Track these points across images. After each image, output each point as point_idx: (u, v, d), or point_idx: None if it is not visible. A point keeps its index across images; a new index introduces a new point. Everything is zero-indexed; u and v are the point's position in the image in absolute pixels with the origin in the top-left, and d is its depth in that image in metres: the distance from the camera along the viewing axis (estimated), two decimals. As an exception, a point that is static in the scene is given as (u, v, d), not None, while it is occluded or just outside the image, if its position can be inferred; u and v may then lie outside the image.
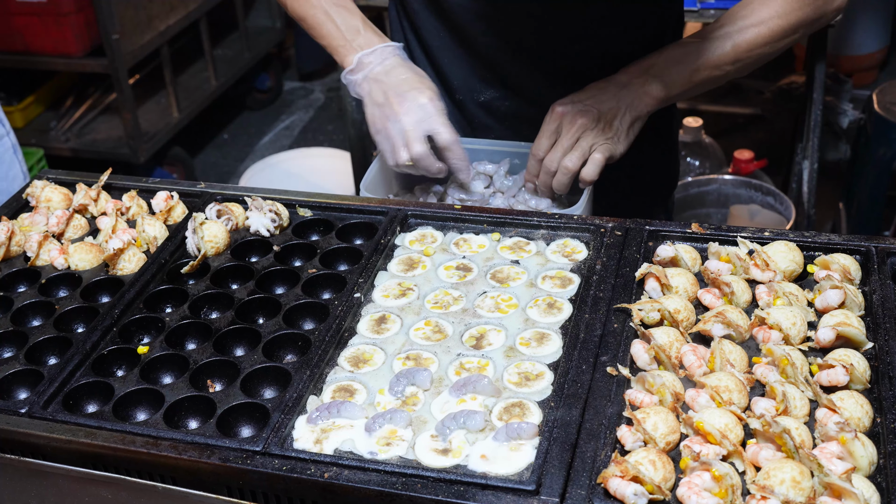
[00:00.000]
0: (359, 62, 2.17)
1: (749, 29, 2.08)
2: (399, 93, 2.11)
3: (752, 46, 2.08)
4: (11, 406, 1.62)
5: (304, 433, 1.53)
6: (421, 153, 2.08)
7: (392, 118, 2.10)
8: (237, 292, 1.88)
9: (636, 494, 1.34)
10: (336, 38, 2.22)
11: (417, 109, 2.09)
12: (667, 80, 2.11)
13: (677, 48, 2.13)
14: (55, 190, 2.18)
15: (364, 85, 2.17)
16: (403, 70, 2.16)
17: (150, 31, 5.34)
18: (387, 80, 2.14)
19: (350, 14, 2.24)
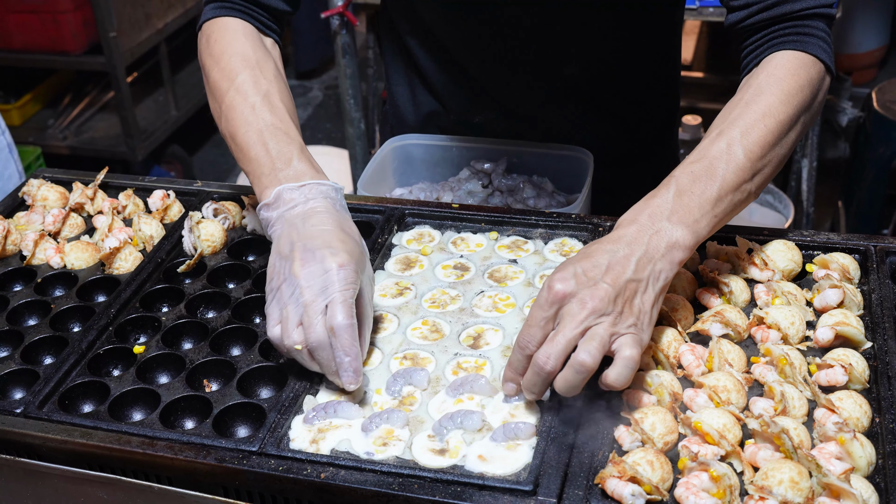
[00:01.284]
0: (277, 196, 1.72)
1: (754, 126, 1.66)
2: (308, 248, 1.62)
3: (764, 146, 1.65)
4: (7, 406, 1.61)
5: (301, 433, 1.53)
6: (320, 339, 1.55)
7: (289, 280, 1.61)
8: (234, 291, 1.87)
9: (634, 495, 1.34)
10: (262, 164, 1.78)
11: (321, 275, 1.59)
12: (689, 220, 1.58)
13: (683, 176, 1.62)
14: (51, 188, 2.18)
15: (276, 226, 1.71)
16: (326, 218, 1.69)
17: (148, 28, 5.34)
18: (300, 228, 1.67)
19: (287, 140, 1.81)
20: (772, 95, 1.69)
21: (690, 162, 1.65)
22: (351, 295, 1.58)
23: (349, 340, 1.54)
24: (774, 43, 1.78)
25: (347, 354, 1.55)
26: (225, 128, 1.88)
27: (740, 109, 1.68)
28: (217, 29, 1.98)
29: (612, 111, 2.25)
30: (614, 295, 1.48)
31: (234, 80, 1.88)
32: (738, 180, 1.63)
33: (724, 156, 1.63)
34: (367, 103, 4.71)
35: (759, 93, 1.70)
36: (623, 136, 2.29)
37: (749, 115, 1.67)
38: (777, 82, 1.71)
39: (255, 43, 1.97)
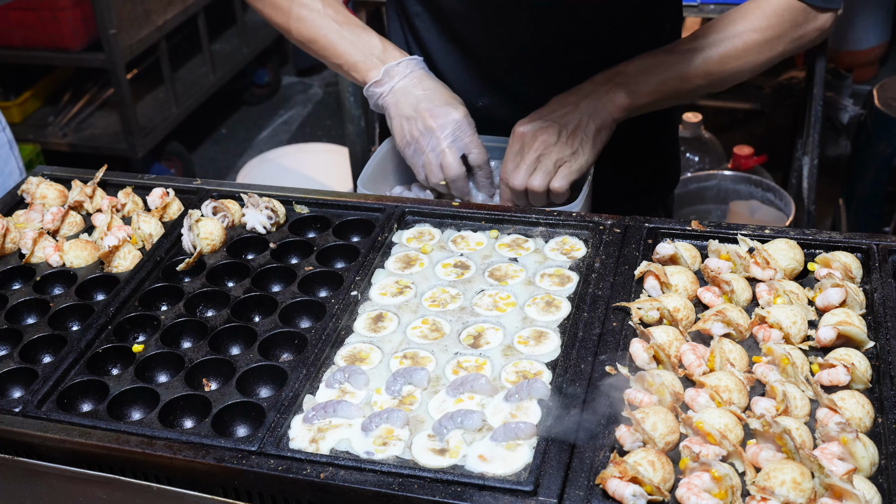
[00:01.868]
0: (385, 73, 2.13)
1: (722, 42, 2.04)
2: (431, 106, 2.08)
3: (723, 60, 2.05)
4: (5, 405, 1.60)
5: (300, 433, 1.52)
6: (458, 175, 2.07)
7: (426, 133, 2.08)
8: (233, 290, 1.86)
9: (635, 495, 1.33)
10: (354, 54, 2.17)
11: (451, 125, 2.07)
12: (632, 89, 2.07)
13: (648, 58, 2.09)
14: (50, 186, 2.17)
15: (390, 97, 2.14)
16: (432, 82, 2.14)
17: (148, 25, 5.33)
18: (416, 93, 2.11)
19: (363, 30, 2.20)
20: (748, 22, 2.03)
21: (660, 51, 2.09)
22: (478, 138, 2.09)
23: (489, 170, 2.13)
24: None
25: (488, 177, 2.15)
26: (299, 37, 2.24)
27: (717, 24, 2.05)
28: None
29: None
30: (559, 129, 2.04)
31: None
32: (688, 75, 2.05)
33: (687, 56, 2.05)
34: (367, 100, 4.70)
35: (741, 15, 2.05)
36: (624, 128, 2.28)
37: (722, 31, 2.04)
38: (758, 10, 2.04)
39: None
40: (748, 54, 2.05)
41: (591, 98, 2.07)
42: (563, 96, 2.09)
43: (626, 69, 2.08)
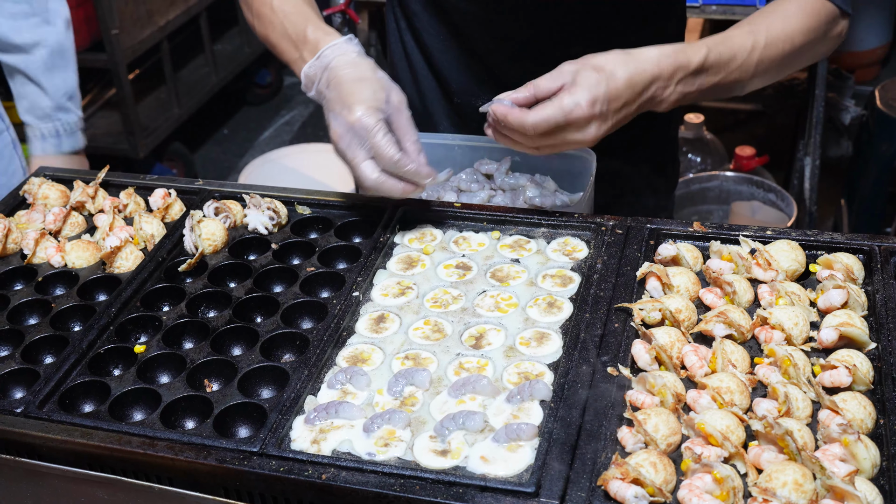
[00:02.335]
0: (305, 79, 1.98)
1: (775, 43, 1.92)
2: (334, 115, 1.89)
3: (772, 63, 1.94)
4: (7, 405, 1.60)
5: (302, 434, 1.52)
6: (374, 182, 1.85)
7: (337, 147, 1.90)
8: (235, 291, 1.86)
9: (637, 497, 1.33)
10: (291, 52, 2.03)
11: (348, 133, 1.85)
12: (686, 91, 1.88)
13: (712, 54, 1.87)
14: (52, 187, 2.17)
15: (320, 101, 1.99)
16: (340, 78, 1.90)
17: (150, 26, 5.33)
18: (328, 96, 1.93)
19: (301, 17, 2.03)
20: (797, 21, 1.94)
21: (722, 41, 1.90)
22: (382, 133, 1.83)
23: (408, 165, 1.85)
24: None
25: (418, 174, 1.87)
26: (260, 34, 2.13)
27: (775, 19, 1.94)
28: None
29: None
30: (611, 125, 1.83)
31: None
32: (735, 81, 1.92)
33: (744, 55, 1.90)
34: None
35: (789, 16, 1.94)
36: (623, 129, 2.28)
37: (777, 30, 1.92)
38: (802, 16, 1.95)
39: None
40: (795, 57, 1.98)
41: (653, 93, 1.84)
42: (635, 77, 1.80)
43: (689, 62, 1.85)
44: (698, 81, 1.88)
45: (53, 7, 2.89)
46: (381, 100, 1.86)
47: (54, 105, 2.93)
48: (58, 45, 2.89)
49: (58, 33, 2.89)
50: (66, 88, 2.94)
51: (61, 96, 2.94)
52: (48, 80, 2.90)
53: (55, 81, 2.91)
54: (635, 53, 1.84)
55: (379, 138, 1.82)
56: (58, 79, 2.92)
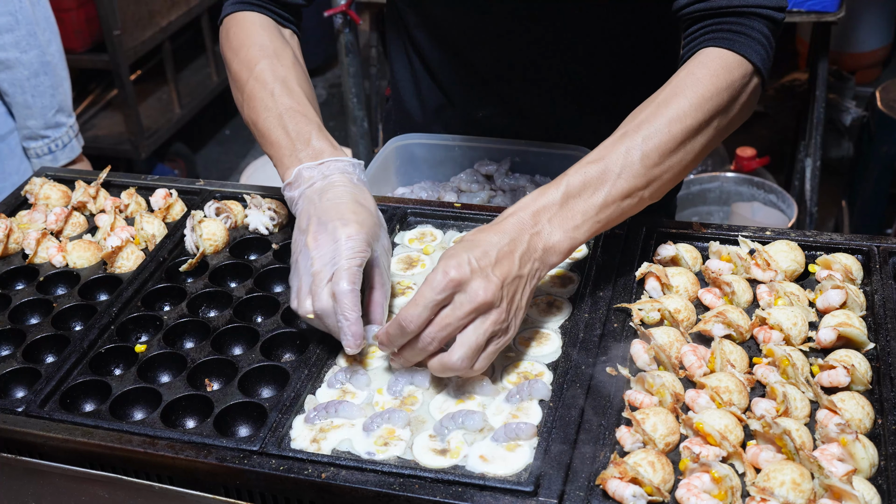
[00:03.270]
0: (297, 175, 1.78)
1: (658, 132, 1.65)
2: (321, 221, 1.67)
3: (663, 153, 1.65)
4: (8, 405, 1.61)
5: (302, 433, 1.53)
6: (325, 307, 1.60)
7: (304, 252, 1.67)
8: (235, 291, 1.87)
9: (635, 496, 1.34)
10: (283, 146, 1.83)
11: (330, 245, 1.64)
12: (569, 226, 1.62)
13: (575, 178, 1.63)
14: (54, 187, 2.18)
15: (299, 203, 1.76)
16: (341, 192, 1.73)
17: (152, 26, 5.34)
18: (318, 203, 1.71)
19: (306, 121, 1.85)
20: (685, 99, 1.67)
21: (587, 162, 1.66)
22: (357, 263, 1.62)
23: (349, 306, 1.58)
24: (707, 38, 1.75)
25: (347, 319, 1.58)
26: (247, 115, 1.95)
27: (650, 111, 1.68)
28: (236, 23, 2.05)
29: (614, 109, 2.24)
30: (501, 289, 1.54)
31: (253, 70, 1.94)
32: (630, 187, 1.64)
33: (620, 160, 1.64)
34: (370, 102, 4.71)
35: (674, 94, 1.68)
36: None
37: (657, 120, 1.66)
38: (694, 84, 1.69)
39: (273, 34, 2.03)
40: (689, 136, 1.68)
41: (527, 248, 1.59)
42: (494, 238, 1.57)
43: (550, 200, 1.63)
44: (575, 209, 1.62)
45: (40, 17, 2.86)
46: (375, 236, 1.70)
47: (43, 124, 2.90)
48: (41, 63, 2.86)
49: (41, 49, 2.85)
50: (55, 104, 2.91)
51: (50, 113, 2.91)
52: (35, 99, 2.86)
53: (43, 100, 2.87)
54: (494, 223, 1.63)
55: (354, 262, 1.62)
56: (45, 97, 2.88)
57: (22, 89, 2.85)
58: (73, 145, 3.00)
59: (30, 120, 2.89)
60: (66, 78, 2.98)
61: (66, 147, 2.97)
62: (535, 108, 2.24)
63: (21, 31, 2.80)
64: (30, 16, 2.81)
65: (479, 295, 1.51)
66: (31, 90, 2.85)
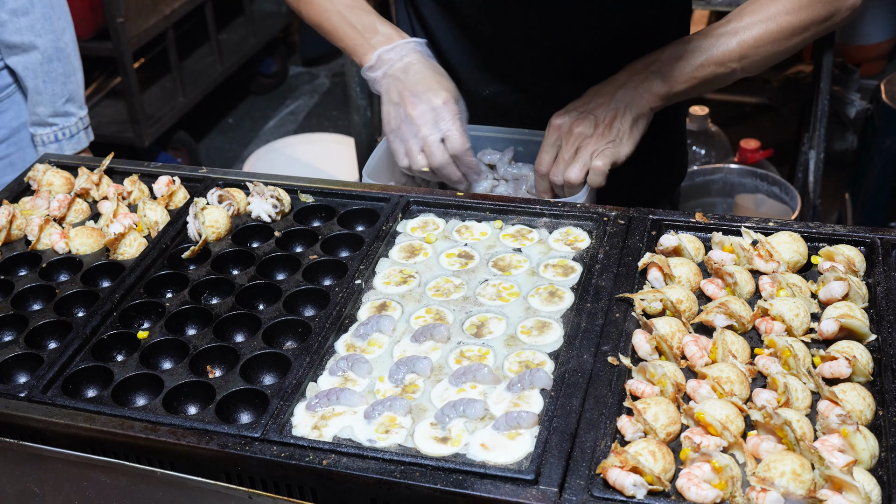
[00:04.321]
0: (378, 58, 2.15)
1: (756, 25, 2.01)
2: (414, 93, 2.08)
3: (758, 43, 2.01)
4: (11, 390, 1.61)
5: (303, 420, 1.53)
6: (441, 162, 2.07)
7: (406, 120, 2.08)
8: (238, 278, 1.87)
9: (635, 485, 1.34)
10: (353, 37, 2.20)
11: (430, 112, 2.06)
12: (668, 76, 2.04)
13: (681, 44, 2.06)
14: (57, 174, 2.18)
15: (383, 82, 2.15)
16: (421, 67, 2.13)
17: (156, 14, 5.33)
18: (403, 78, 2.11)
19: (366, 13, 2.22)
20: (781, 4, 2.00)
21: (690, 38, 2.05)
22: (461, 123, 2.07)
23: (470, 159, 2.10)
24: None
25: (469, 167, 2.11)
26: (307, 20, 2.31)
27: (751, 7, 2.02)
28: None
29: None
30: (595, 121, 2.04)
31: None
32: (724, 58, 2.02)
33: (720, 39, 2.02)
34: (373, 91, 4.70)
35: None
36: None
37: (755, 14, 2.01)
38: None
39: None
40: (782, 36, 2.02)
41: (626, 88, 2.06)
42: (598, 87, 2.09)
43: (661, 56, 2.06)
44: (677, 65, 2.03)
45: (55, 3, 2.87)
46: (458, 97, 2.11)
47: (51, 111, 2.90)
48: (55, 49, 2.86)
49: (56, 35, 2.86)
50: (66, 92, 2.91)
51: (60, 101, 2.91)
52: (46, 85, 2.87)
53: (54, 87, 2.88)
54: None
55: (458, 124, 2.06)
56: (57, 84, 2.88)
57: (34, 74, 2.85)
58: (80, 137, 3.00)
59: (39, 106, 2.89)
60: (78, 68, 2.98)
61: (73, 138, 2.97)
62: (541, 87, 2.24)
63: (36, 14, 2.80)
64: (45, 0, 2.82)
65: (574, 130, 2.03)
66: (44, 76, 2.86)
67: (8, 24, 2.78)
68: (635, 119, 2.05)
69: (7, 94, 2.90)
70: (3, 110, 2.90)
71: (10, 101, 2.91)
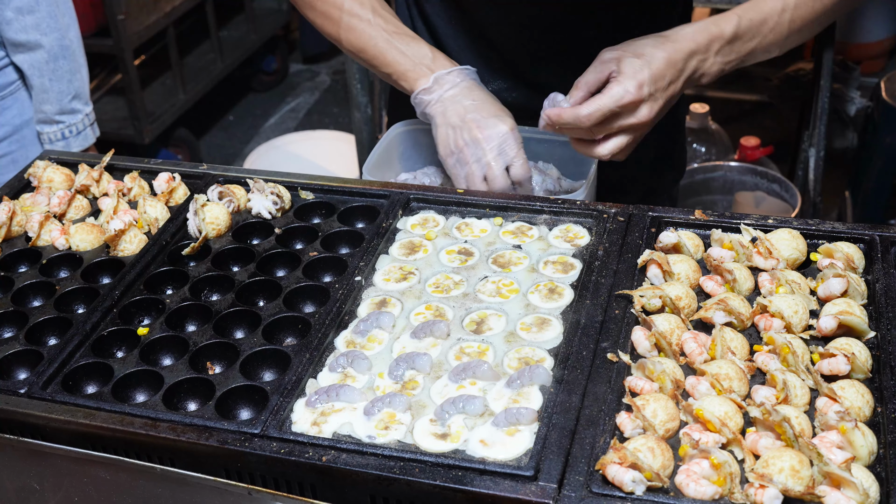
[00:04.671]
0: (435, 81, 2.10)
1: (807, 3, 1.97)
2: (479, 117, 2.05)
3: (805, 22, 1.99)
4: (11, 386, 1.62)
5: (303, 416, 1.53)
6: (504, 187, 2.03)
7: (472, 144, 2.04)
8: (238, 275, 1.87)
9: (634, 481, 1.34)
10: (403, 63, 2.14)
11: (497, 137, 2.03)
12: (725, 61, 1.98)
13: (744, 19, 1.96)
14: (57, 170, 2.18)
15: (437, 106, 2.10)
16: (482, 94, 2.11)
17: (156, 11, 5.33)
18: (464, 102, 2.07)
19: (415, 40, 2.17)
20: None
21: (748, 8, 1.97)
22: (523, 153, 2.05)
23: (530, 186, 2.08)
24: None
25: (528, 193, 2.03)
26: (349, 47, 2.22)
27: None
28: None
29: None
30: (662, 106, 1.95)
31: (343, 7, 2.19)
32: (773, 43, 1.99)
33: (776, 18, 1.97)
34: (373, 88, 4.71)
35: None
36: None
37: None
38: None
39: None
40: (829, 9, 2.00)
41: (694, 68, 1.96)
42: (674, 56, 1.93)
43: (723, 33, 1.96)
44: (735, 49, 1.97)
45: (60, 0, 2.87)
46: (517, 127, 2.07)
47: (58, 109, 2.91)
48: (61, 47, 2.87)
49: (61, 33, 2.86)
50: (72, 90, 2.92)
51: (66, 99, 2.92)
52: (52, 84, 2.88)
53: (60, 85, 2.89)
54: (670, 34, 1.96)
55: (524, 154, 2.05)
56: (63, 82, 2.89)
57: (40, 72, 2.86)
58: (87, 133, 3.01)
59: (45, 104, 2.90)
60: (83, 65, 2.98)
61: (79, 135, 2.98)
62: (548, 81, 2.24)
63: (41, 12, 2.81)
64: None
65: (644, 118, 1.92)
66: (50, 74, 2.86)
67: (13, 22, 2.78)
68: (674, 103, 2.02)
69: (10, 91, 2.90)
70: (6, 107, 2.90)
71: (13, 98, 2.91)
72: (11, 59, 2.86)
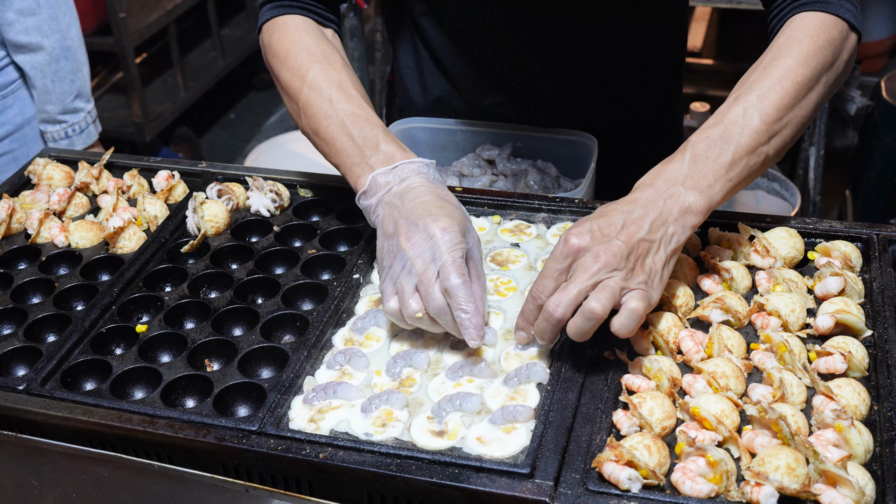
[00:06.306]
0: (372, 182, 1.74)
1: (771, 90, 1.68)
2: (410, 221, 1.64)
3: (781, 108, 1.67)
4: (9, 383, 1.62)
5: (300, 413, 1.54)
6: (440, 306, 1.58)
7: (399, 255, 1.64)
8: (236, 272, 1.88)
9: (630, 479, 1.34)
10: (351, 154, 1.80)
11: (426, 241, 1.61)
12: (703, 185, 1.61)
13: (699, 142, 1.65)
14: (57, 168, 2.18)
15: (378, 210, 1.73)
16: (422, 191, 1.70)
17: (158, 9, 5.34)
18: (400, 205, 1.68)
19: (370, 125, 1.81)
20: (790, 58, 1.71)
21: (706, 127, 1.67)
22: (459, 255, 1.59)
23: (465, 298, 1.56)
24: (796, 5, 1.81)
25: (465, 312, 1.56)
26: (306, 125, 1.90)
27: (758, 73, 1.71)
28: (278, 29, 2.00)
29: (618, 95, 2.25)
30: (627, 252, 1.53)
31: (306, 77, 1.89)
32: (753, 143, 1.65)
33: (739, 120, 1.65)
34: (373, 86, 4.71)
35: (778, 56, 1.72)
36: (626, 120, 2.29)
37: (766, 79, 1.69)
38: (796, 44, 1.73)
39: (318, 36, 1.99)
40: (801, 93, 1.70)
41: (660, 211, 1.59)
42: (624, 206, 1.60)
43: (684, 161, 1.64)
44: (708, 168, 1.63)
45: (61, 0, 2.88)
46: (466, 229, 1.66)
47: (61, 109, 2.92)
48: (63, 48, 2.87)
49: (62, 33, 2.86)
50: (74, 89, 2.93)
51: (69, 99, 2.92)
52: (55, 84, 2.88)
53: (62, 86, 2.90)
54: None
55: (458, 253, 1.59)
56: (65, 82, 2.90)
57: (42, 73, 2.86)
58: (90, 131, 3.02)
59: (48, 104, 2.91)
60: (85, 63, 2.99)
61: (83, 133, 2.99)
62: (540, 96, 2.24)
63: (43, 14, 2.81)
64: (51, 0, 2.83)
65: (600, 258, 1.52)
66: (52, 75, 2.87)
67: (15, 23, 2.79)
68: (670, 256, 1.59)
69: (12, 90, 2.91)
70: (7, 106, 2.90)
71: (14, 97, 2.92)
72: (13, 59, 2.86)
